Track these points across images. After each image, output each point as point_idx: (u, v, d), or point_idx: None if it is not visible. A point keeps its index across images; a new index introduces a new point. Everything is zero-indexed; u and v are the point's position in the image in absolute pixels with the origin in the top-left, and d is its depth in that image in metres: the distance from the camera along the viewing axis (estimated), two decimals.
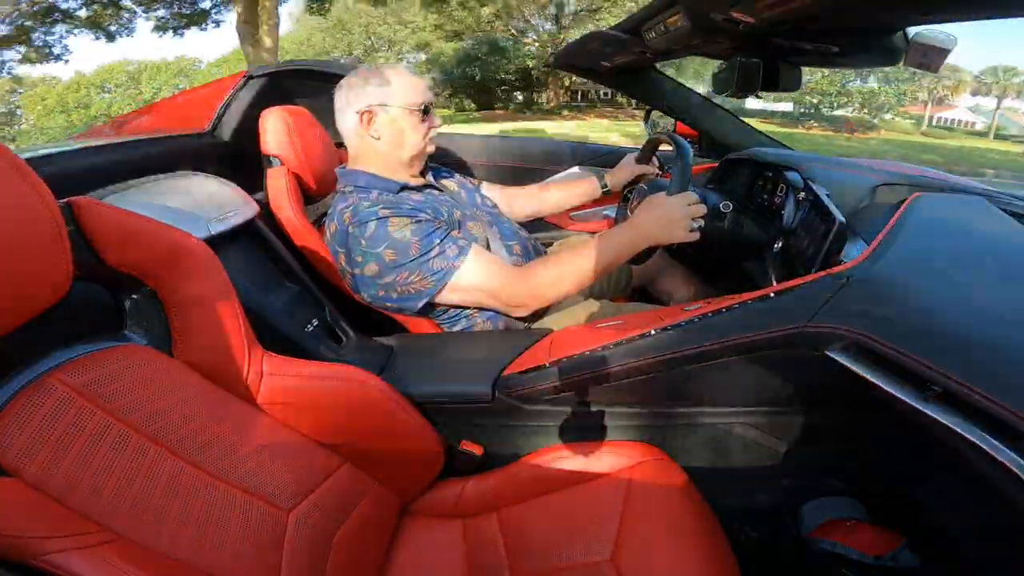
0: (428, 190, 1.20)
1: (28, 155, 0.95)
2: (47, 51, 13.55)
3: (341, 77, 1.18)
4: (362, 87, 1.12)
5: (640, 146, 1.54)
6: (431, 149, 1.20)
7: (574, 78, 20.48)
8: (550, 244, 1.62)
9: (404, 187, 1.14)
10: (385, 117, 1.12)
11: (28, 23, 12.48)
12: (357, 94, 1.12)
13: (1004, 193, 1.09)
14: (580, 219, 1.87)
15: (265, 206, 1.21)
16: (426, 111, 1.15)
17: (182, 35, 14.01)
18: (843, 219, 0.89)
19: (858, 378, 0.70)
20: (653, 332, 0.86)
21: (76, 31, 13.43)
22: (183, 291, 0.72)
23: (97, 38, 13.65)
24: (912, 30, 0.98)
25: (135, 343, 0.70)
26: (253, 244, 1.14)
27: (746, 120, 1.78)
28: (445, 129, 1.31)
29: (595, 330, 0.98)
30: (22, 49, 13.32)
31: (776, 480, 0.99)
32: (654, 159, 1.53)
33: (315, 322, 1.09)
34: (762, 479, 0.99)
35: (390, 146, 1.14)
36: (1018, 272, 0.73)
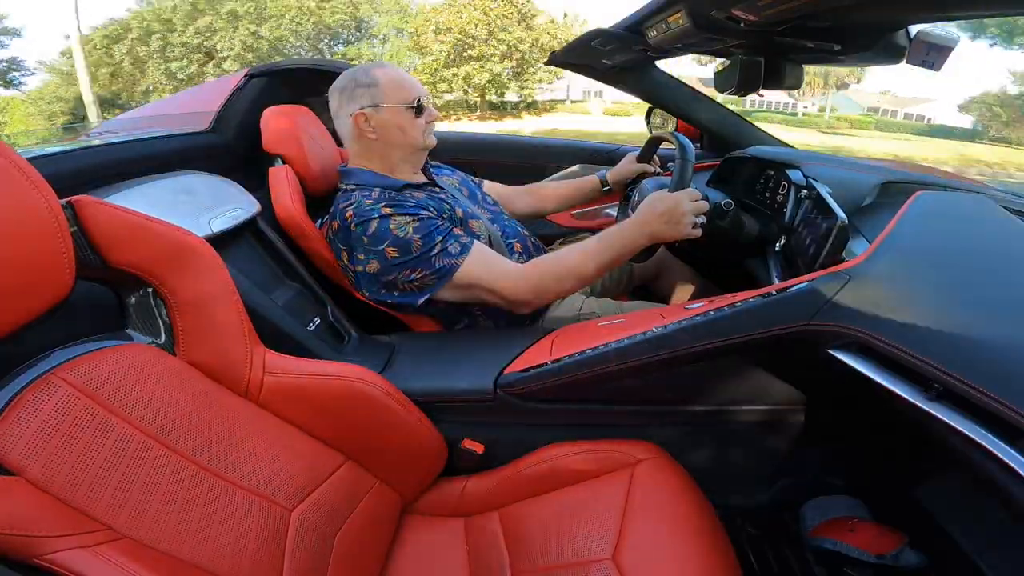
0: (430, 188, 1.20)
1: (30, 154, 0.95)
2: None
3: (340, 74, 1.17)
4: (352, 90, 1.12)
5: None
6: (431, 143, 1.20)
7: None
8: (551, 242, 1.62)
9: (406, 185, 1.13)
10: (379, 118, 1.11)
11: None
12: (349, 97, 1.12)
13: (1008, 192, 1.09)
14: (581, 217, 1.87)
15: (267, 204, 1.21)
16: (420, 107, 1.15)
17: None
18: (845, 217, 0.89)
19: (860, 376, 0.70)
20: (654, 330, 0.86)
21: None
22: (185, 290, 0.72)
23: None
24: (914, 28, 0.98)
25: (138, 342, 0.71)
26: (255, 243, 1.14)
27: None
28: (447, 127, 1.31)
29: (596, 328, 0.98)
30: None
31: (777, 478, 0.99)
32: (655, 158, 1.53)
33: (317, 320, 1.09)
34: (763, 477, 0.99)
35: (388, 145, 1.14)
36: (1021, 270, 0.73)
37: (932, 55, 0.94)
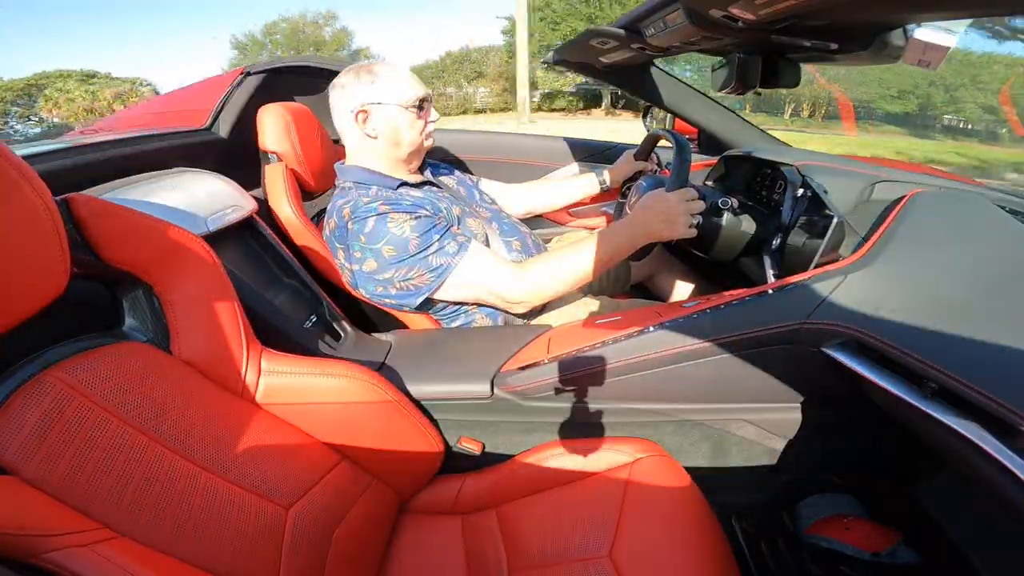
0: (427, 187, 1.20)
1: (25, 152, 0.95)
2: None
3: (338, 73, 1.17)
4: (354, 86, 1.11)
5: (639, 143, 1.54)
6: (429, 143, 1.20)
7: None
8: (549, 240, 1.62)
9: (403, 184, 1.13)
10: (380, 115, 1.11)
11: None
12: (350, 93, 1.11)
13: (1003, 191, 1.09)
14: (579, 215, 1.87)
15: (263, 203, 1.20)
16: (421, 106, 1.14)
17: None
18: (841, 216, 0.89)
19: (856, 375, 0.71)
20: (651, 329, 0.86)
21: None
22: (181, 288, 0.72)
23: None
24: (911, 27, 0.98)
25: (133, 340, 0.70)
26: (251, 241, 1.13)
27: None
28: (445, 125, 1.30)
29: (593, 327, 0.98)
30: None
31: (774, 477, 0.99)
32: (652, 156, 1.53)
33: (313, 318, 1.09)
34: (760, 476, 0.99)
35: (387, 144, 1.13)
36: (1016, 269, 0.73)
37: (929, 54, 0.95)
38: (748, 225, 1.16)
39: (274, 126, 1.21)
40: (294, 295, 1.11)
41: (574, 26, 19.36)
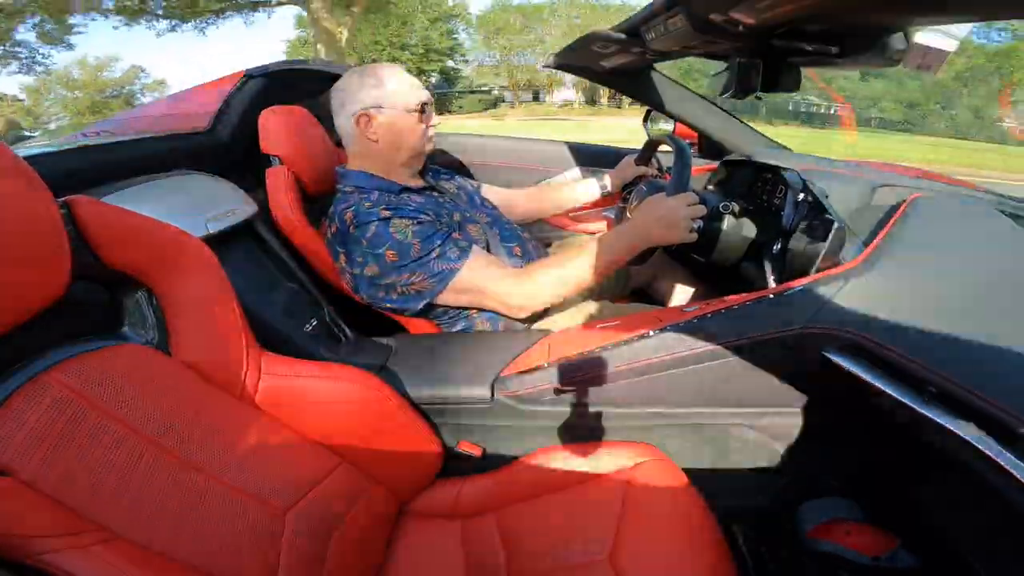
0: (428, 192, 1.20)
1: (27, 153, 0.95)
2: None
3: (340, 76, 1.17)
4: (357, 89, 1.11)
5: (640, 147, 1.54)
6: (430, 147, 1.20)
7: None
8: (550, 245, 1.62)
9: (405, 188, 1.13)
10: (382, 119, 1.11)
11: None
12: (352, 97, 1.12)
13: (1003, 195, 1.09)
14: (579, 220, 1.87)
15: (264, 206, 1.20)
16: (423, 110, 1.15)
17: None
18: (842, 220, 0.89)
19: (856, 379, 0.70)
20: (651, 333, 0.86)
21: None
22: (181, 290, 0.72)
23: None
24: (912, 31, 0.98)
25: (133, 343, 0.70)
26: (252, 244, 1.14)
27: None
28: (445, 130, 1.31)
29: (594, 331, 0.98)
30: None
31: (774, 480, 0.99)
32: (653, 160, 1.54)
33: (314, 322, 1.09)
34: (760, 479, 0.99)
35: (389, 148, 1.14)
36: (1016, 274, 0.73)
37: (929, 58, 0.95)
38: (749, 229, 1.16)
39: (276, 129, 1.22)
40: (295, 298, 1.12)
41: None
